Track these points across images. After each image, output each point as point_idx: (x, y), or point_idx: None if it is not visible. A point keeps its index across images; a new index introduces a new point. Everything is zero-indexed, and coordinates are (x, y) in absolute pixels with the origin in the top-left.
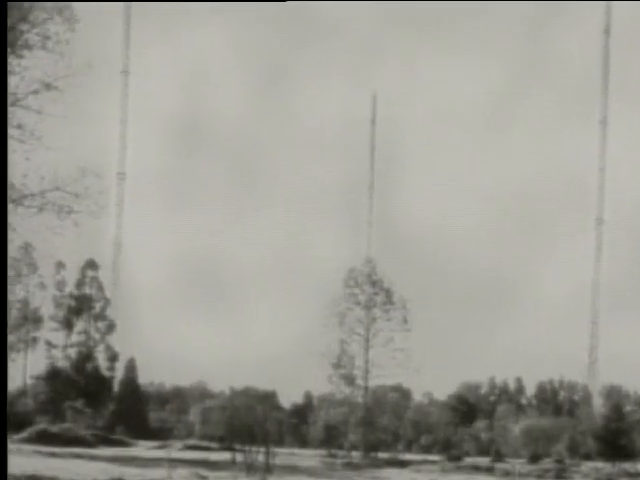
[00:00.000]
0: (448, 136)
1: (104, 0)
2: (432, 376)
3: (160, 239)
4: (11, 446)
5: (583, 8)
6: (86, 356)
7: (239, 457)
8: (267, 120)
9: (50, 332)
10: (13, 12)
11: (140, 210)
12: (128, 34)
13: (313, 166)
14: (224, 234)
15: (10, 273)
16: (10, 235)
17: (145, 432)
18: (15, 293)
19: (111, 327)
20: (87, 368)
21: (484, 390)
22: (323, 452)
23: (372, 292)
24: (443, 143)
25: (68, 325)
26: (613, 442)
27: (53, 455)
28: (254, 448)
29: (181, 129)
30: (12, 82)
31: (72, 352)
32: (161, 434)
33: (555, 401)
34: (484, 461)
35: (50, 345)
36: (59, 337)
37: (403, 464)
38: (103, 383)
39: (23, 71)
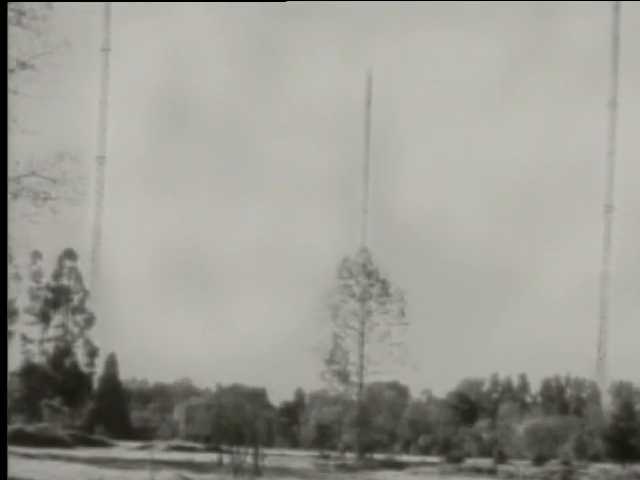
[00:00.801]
0: (448, 118)
1: None
2: (431, 373)
3: (143, 227)
4: None
5: None
6: (64, 351)
7: (226, 458)
8: (256, 101)
9: (26, 326)
10: None
11: (121, 196)
12: (108, 9)
13: (304, 150)
14: (210, 222)
15: None
16: None
17: (126, 432)
18: None
19: (90, 320)
20: (65, 364)
21: (486, 387)
22: (315, 453)
23: (367, 283)
24: (443, 125)
25: (45, 318)
26: (623, 442)
27: (29, 456)
28: (242, 449)
29: (165, 110)
30: None
31: (49, 347)
32: (143, 434)
33: (561, 399)
34: (486, 463)
35: (26, 340)
36: (35, 331)
37: (400, 466)
38: (82, 380)
39: None
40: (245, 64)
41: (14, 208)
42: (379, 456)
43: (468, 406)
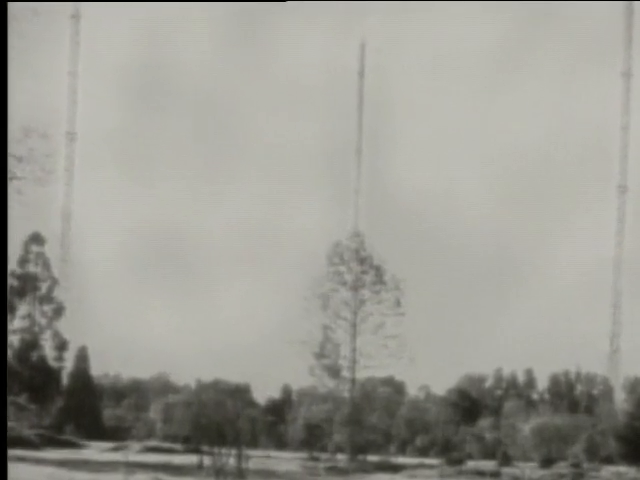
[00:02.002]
0: (448, 91)
1: None
2: (429, 367)
3: (116, 209)
4: None
5: None
6: (30, 344)
7: (207, 460)
8: (240, 73)
9: None
10: None
11: (93, 176)
12: None
13: (293, 125)
14: (190, 204)
15: None
16: None
17: (98, 432)
18: None
19: (59, 311)
20: (32, 358)
21: (489, 383)
22: (304, 455)
23: (360, 270)
24: (443, 99)
25: (10, 308)
26: (637, 443)
27: None
28: (224, 450)
29: (141, 83)
30: None
31: (14, 340)
32: (117, 434)
33: (571, 396)
34: (489, 465)
35: None
36: None
37: (396, 469)
38: (50, 375)
39: None
40: (229, 33)
41: None
42: (373, 458)
43: (469, 404)
